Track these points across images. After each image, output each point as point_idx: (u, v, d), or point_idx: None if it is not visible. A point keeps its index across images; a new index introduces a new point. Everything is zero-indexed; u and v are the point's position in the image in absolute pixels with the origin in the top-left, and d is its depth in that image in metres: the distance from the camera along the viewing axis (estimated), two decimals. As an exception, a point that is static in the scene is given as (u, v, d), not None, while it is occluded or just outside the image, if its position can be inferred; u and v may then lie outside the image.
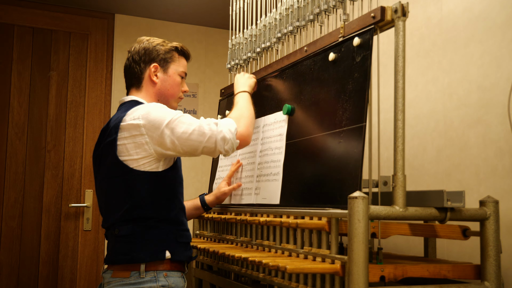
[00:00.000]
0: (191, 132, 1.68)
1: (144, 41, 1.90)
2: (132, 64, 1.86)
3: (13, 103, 3.53)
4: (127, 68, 1.89)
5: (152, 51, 1.87)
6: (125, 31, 3.85)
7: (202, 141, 1.69)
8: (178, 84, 1.91)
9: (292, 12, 1.96)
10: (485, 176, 1.84)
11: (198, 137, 1.69)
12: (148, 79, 1.85)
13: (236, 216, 1.93)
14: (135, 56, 1.86)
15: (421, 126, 2.14)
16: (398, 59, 1.45)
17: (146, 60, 1.86)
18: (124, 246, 1.71)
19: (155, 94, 1.87)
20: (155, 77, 1.85)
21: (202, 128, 1.70)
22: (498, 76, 1.82)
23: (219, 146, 1.70)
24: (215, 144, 1.70)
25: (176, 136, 1.67)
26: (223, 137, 1.70)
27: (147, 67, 1.85)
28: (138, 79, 1.86)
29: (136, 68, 1.86)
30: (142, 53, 1.86)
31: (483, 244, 1.50)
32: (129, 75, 1.88)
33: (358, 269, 1.30)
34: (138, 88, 1.86)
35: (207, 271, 2.24)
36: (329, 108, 1.64)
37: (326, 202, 1.54)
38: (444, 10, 2.07)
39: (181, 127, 1.68)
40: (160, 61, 1.87)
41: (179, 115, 1.71)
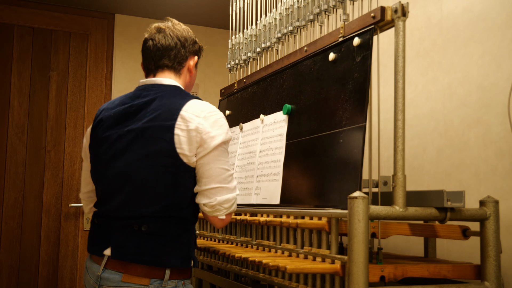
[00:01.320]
0: (224, 168, 1.58)
1: (185, 27, 1.79)
2: (179, 46, 1.73)
3: (13, 103, 3.53)
4: (171, 47, 1.73)
5: (195, 43, 1.79)
6: (125, 31, 3.85)
7: (220, 183, 1.57)
8: None
9: (292, 12, 1.96)
10: (485, 176, 1.84)
11: (222, 177, 1.57)
12: (186, 68, 1.76)
13: (236, 216, 1.93)
14: (182, 39, 1.74)
15: (421, 126, 2.14)
16: (398, 59, 1.45)
17: (191, 49, 1.76)
18: (153, 246, 1.54)
19: (186, 84, 1.78)
20: (194, 69, 1.80)
21: (231, 178, 1.60)
22: (498, 76, 1.82)
23: (220, 199, 1.57)
24: (222, 195, 1.57)
25: (214, 156, 1.56)
26: (231, 199, 1.59)
27: (190, 56, 1.76)
28: (180, 64, 1.74)
29: (182, 52, 1.73)
30: (191, 42, 1.76)
31: (483, 244, 1.50)
32: (173, 56, 1.73)
33: (358, 269, 1.30)
34: (177, 73, 1.74)
35: (207, 271, 2.24)
36: (329, 108, 1.64)
37: (326, 202, 1.54)
38: (444, 10, 2.07)
39: (224, 157, 1.59)
40: (198, 55, 1.81)
41: (228, 144, 1.63)
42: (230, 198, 1.58)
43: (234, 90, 2.38)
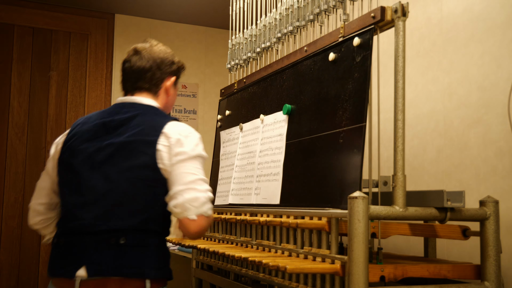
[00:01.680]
0: (191, 172, 1.57)
1: (163, 48, 1.81)
2: (155, 68, 1.75)
3: (13, 103, 3.53)
4: (146, 69, 1.74)
5: (173, 63, 1.81)
6: (125, 31, 3.85)
7: (186, 184, 1.55)
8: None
9: (292, 12, 1.96)
10: (485, 176, 1.84)
11: (190, 180, 1.56)
12: (164, 89, 1.77)
13: (236, 216, 1.93)
14: (158, 61, 1.76)
15: (421, 126, 2.14)
16: (398, 59, 1.45)
17: (167, 70, 1.78)
18: (131, 258, 1.52)
19: (164, 105, 1.80)
20: (171, 89, 1.80)
21: (201, 181, 1.58)
22: (498, 76, 1.82)
23: (188, 197, 1.54)
24: (189, 195, 1.54)
25: (183, 165, 1.57)
26: (199, 197, 1.54)
27: (166, 77, 1.78)
28: (156, 86, 1.76)
29: (158, 74, 1.75)
30: (168, 63, 1.78)
31: (483, 244, 1.50)
32: (148, 78, 1.75)
33: (358, 269, 1.30)
34: (154, 95, 1.76)
35: (207, 271, 2.24)
36: (329, 108, 1.64)
37: (326, 202, 1.54)
38: (444, 10, 2.07)
39: (197, 168, 1.60)
40: (176, 75, 1.83)
41: (203, 157, 1.64)
42: (199, 196, 1.53)
43: (234, 90, 2.38)
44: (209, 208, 1.57)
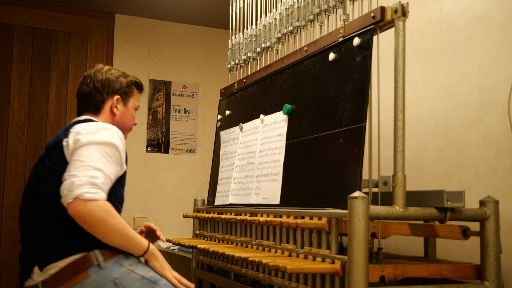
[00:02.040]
0: (81, 159, 1.60)
1: (106, 70, 1.90)
2: (94, 92, 1.86)
3: (13, 103, 3.53)
4: (86, 94, 1.87)
5: (115, 82, 1.89)
6: (125, 31, 3.85)
7: (69, 171, 1.58)
8: (133, 116, 1.96)
9: (292, 12, 1.96)
10: (485, 176, 1.84)
11: (74, 167, 1.59)
12: (108, 109, 1.87)
13: (236, 216, 1.93)
14: (97, 84, 1.87)
15: (421, 126, 2.14)
16: (398, 59, 1.45)
17: (109, 91, 1.87)
18: (71, 237, 1.60)
19: (111, 124, 1.83)
20: (116, 108, 1.88)
21: (87, 168, 1.58)
22: (498, 76, 1.82)
23: (65, 183, 1.57)
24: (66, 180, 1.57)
25: (76, 155, 1.61)
26: (74, 181, 1.55)
27: (109, 98, 1.87)
28: (97, 107, 1.87)
29: (98, 97, 1.86)
30: (106, 83, 1.87)
31: (483, 244, 1.50)
32: (88, 101, 1.87)
33: (358, 269, 1.30)
34: (96, 114, 1.86)
35: (207, 271, 2.24)
36: (329, 108, 1.64)
37: (326, 202, 1.54)
38: (444, 10, 2.07)
39: (91, 152, 1.61)
40: (122, 94, 1.90)
41: (108, 145, 1.65)
42: (74, 180, 1.54)
43: (234, 90, 2.38)
44: (86, 191, 1.53)
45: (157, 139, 3.90)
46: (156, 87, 3.92)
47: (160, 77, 3.93)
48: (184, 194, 3.94)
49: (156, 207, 3.85)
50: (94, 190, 1.55)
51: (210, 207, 2.27)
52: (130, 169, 3.80)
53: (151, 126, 3.89)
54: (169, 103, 3.94)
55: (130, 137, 3.81)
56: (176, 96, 3.97)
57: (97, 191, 1.55)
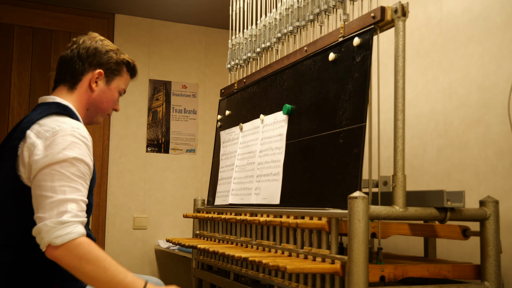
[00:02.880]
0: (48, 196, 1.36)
1: (98, 39, 1.66)
2: (76, 58, 1.60)
3: (13, 103, 3.53)
4: (66, 59, 1.62)
5: (103, 54, 1.63)
6: (125, 31, 3.85)
7: (37, 212, 1.37)
8: (115, 100, 1.70)
9: (292, 12, 1.96)
10: (485, 176, 1.84)
11: (43, 206, 1.36)
12: (86, 83, 1.61)
13: (236, 216, 1.93)
14: (82, 51, 1.61)
15: (421, 126, 2.14)
16: (398, 59, 1.45)
17: (93, 61, 1.62)
18: (3, 276, 1.42)
19: (87, 102, 1.63)
20: (95, 84, 1.62)
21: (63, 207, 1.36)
22: (498, 76, 1.82)
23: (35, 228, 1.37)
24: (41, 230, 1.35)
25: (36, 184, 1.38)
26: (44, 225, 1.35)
27: (90, 70, 1.62)
28: (75, 78, 1.61)
29: (78, 65, 1.60)
30: (92, 53, 1.62)
31: (483, 244, 1.50)
32: (66, 68, 1.62)
33: (358, 269, 1.30)
34: (71, 88, 1.61)
35: (207, 271, 2.24)
36: (329, 108, 1.64)
37: (326, 202, 1.54)
38: (444, 10, 2.07)
39: (52, 181, 1.37)
40: (107, 70, 1.64)
41: (72, 162, 1.41)
42: (41, 227, 1.35)
43: (234, 90, 2.38)
44: (55, 236, 1.34)
45: (157, 139, 3.90)
46: (156, 87, 3.92)
47: (160, 77, 3.93)
48: (184, 194, 3.94)
49: (156, 207, 3.85)
50: (64, 231, 1.34)
51: (210, 207, 2.27)
52: (130, 169, 3.80)
53: (151, 126, 3.89)
54: (169, 103, 3.94)
55: (130, 137, 3.81)
56: (176, 96, 3.97)
57: (68, 230, 1.34)
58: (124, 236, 3.74)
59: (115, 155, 3.77)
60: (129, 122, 3.83)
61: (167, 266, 3.81)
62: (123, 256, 3.69)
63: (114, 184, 3.74)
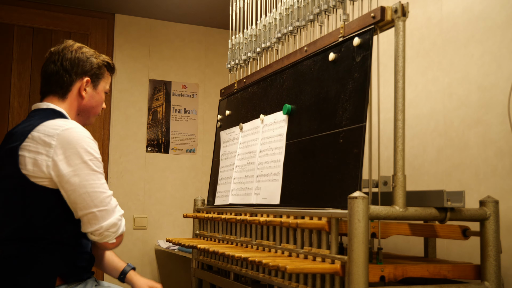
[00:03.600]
0: (98, 191, 1.56)
1: (76, 48, 1.75)
2: (62, 71, 1.70)
3: (13, 103, 3.53)
4: (52, 73, 1.71)
5: (86, 62, 1.74)
6: (125, 31, 3.85)
7: (97, 207, 1.56)
8: (103, 101, 1.83)
9: (292, 12, 1.96)
10: (485, 176, 1.84)
11: (98, 201, 1.56)
12: (76, 92, 1.73)
13: (236, 216, 1.93)
14: (65, 63, 1.71)
15: (421, 126, 2.14)
16: (398, 59, 1.45)
17: (78, 71, 1.72)
18: (6, 270, 1.52)
19: (78, 108, 1.75)
20: (84, 91, 1.73)
21: (110, 199, 1.60)
22: (498, 76, 1.82)
23: (106, 225, 1.59)
24: (105, 220, 1.58)
25: (79, 180, 1.54)
26: (116, 222, 1.62)
27: (77, 79, 1.72)
28: (64, 89, 1.71)
29: (66, 77, 1.71)
30: (75, 63, 1.72)
31: (483, 244, 1.50)
32: (54, 82, 1.72)
33: (358, 269, 1.30)
34: (61, 98, 1.72)
35: (207, 271, 2.24)
36: (329, 108, 1.65)
37: (326, 202, 1.54)
38: (444, 10, 2.07)
39: (93, 178, 1.56)
40: (92, 76, 1.75)
41: (96, 157, 1.58)
42: (115, 222, 1.61)
43: (234, 90, 2.38)
44: (123, 226, 1.67)
45: (157, 139, 3.90)
46: (156, 87, 3.92)
47: (160, 77, 3.93)
48: (184, 194, 3.94)
49: (156, 207, 3.85)
50: (124, 221, 1.67)
51: (210, 207, 2.27)
52: (130, 169, 3.80)
53: (151, 126, 3.89)
54: (169, 103, 3.94)
55: (130, 137, 3.82)
56: (176, 96, 3.97)
57: (123, 219, 1.67)
58: (124, 236, 3.74)
59: (115, 155, 3.77)
60: (129, 122, 3.83)
61: (167, 266, 3.81)
62: (123, 256, 3.68)
63: (114, 184, 3.74)
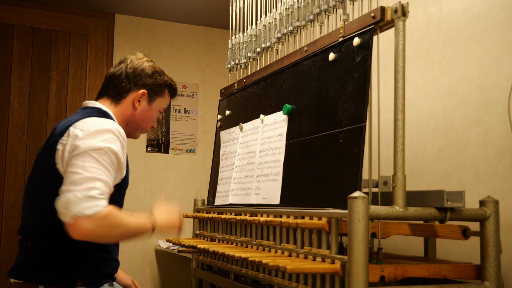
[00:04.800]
0: (79, 173, 1.46)
1: (145, 61, 1.78)
2: (123, 77, 1.73)
3: (13, 103, 3.53)
4: (114, 76, 1.74)
5: (149, 77, 1.75)
6: (125, 31, 3.85)
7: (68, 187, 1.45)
8: (154, 119, 1.83)
9: (292, 12, 1.96)
10: (485, 176, 1.84)
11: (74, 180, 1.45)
12: (130, 101, 1.74)
13: (236, 216, 1.93)
14: (129, 70, 1.74)
15: (421, 126, 2.14)
16: (398, 59, 1.45)
17: (138, 82, 1.74)
18: (31, 262, 1.53)
19: (128, 118, 1.76)
20: (138, 103, 1.75)
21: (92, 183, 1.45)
22: (498, 76, 1.82)
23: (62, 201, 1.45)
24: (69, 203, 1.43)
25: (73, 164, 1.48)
26: (71, 198, 1.42)
27: (135, 89, 1.74)
28: (120, 94, 1.73)
29: (125, 83, 1.73)
30: (138, 73, 1.75)
31: (483, 244, 1.50)
32: (113, 84, 1.74)
33: (358, 269, 1.30)
34: (114, 102, 1.74)
35: (207, 271, 2.24)
36: (329, 108, 1.64)
37: (326, 202, 1.54)
38: (444, 10, 2.07)
39: (87, 162, 1.47)
40: (151, 91, 1.76)
41: (106, 151, 1.51)
42: (70, 198, 1.42)
43: (234, 90, 2.38)
44: (85, 208, 1.41)
45: (157, 139, 3.90)
46: (156, 87, 3.92)
47: (160, 77, 3.93)
48: (184, 194, 3.94)
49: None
50: (92, 204, 1.43)
51: (210, 207, 2.27)
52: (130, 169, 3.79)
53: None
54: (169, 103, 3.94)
55: (130, 137, 3.81)
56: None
57: (95, 203, 1.43)
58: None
59: (115, 155, 3.76)
60: (129, 122, 3.83)
61: (167, 266, 3.81)
62: (123, 256, 3.68)
63: (114, 184, 3.74)
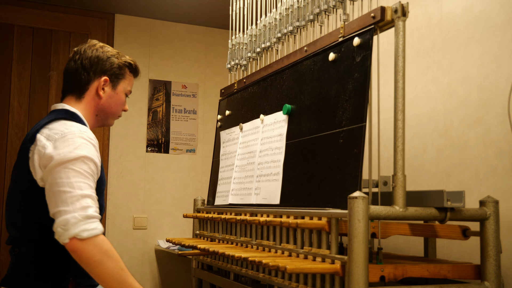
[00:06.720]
0: (68, 191, 1.44)
1: (98, 47, 1.72)
2: (80, 69, 1.68)
3: (13, 103, 3.53)
4: (72, 71, 1.70)
5: (105, 62, 1.70)
6: (125, 31, 3.85)
7: (58, 206, 1.44)
8: (123, 102, 1.79)
9: (292, 12, 1.96)
10: (485, 176, 1.84)
11: (65, 199, 1.43)
12: (93, 91, 1.70)
13: (236, 216, 1.93)
14: (85, 61, 1.68)
15: (421, 126, 2.14)
16: (398, 59, 1.45)
17: (97, 70, 1.69)
18: (21, 269, 1.54)
19: (96, 108, 1.72)
20: (102, 91, 1.71)
21: (84, 201, 1.44)
22: (498, 76, 1.82)
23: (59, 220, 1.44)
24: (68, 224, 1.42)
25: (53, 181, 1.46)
26: (69, 219, 1.42)
27: (95, 78, 1.70)
28: (81, 88, 1.69)
29: (84, 75, 1.68)
30: (95, 62, 1.69)
31: (483, 244, 1.50)
32: (72, 80, 1.70)
33: (358, 269, 1.30)
34: (78, 97, 1.70)
35: (207, 271, 2.24)
36: (329, 108, 1.65)
37: (326, 202, 1.54)
38: (444, 10, 2.07)
39: (69, 177, 1.45)
40: (112, 76, 1.72)
41: (83, 160, 1.49)
42: (68, 218, 1.41)
43: (234, 90, 2.38)
44: (82, 230, 1.41)
45: (157, 139, 3.90)
46: (156, 87, 3.92)
47: (160, 77, 3.93)
48: (184, 194, 3.94)
49: (156, 207, 3.85)
50: (91, 226, 1.43)
51: (210, 207, 2.27)
52: (130, 169, 3.80)
53: (151, 126, 3.89)
54: (169, 103, 3.94)
55: (130, 137, 3.82)
56: (176, 96, 3.97)
57: (93, 225, 1.43)
58: (124, 236, 3.74)
59: (115, 155, 3.77)
60: (129, 122, 3.83)
61: (167, 266, 3.81)
62: (123, 256, 3.69)
63: (114, 184, 3.74)
